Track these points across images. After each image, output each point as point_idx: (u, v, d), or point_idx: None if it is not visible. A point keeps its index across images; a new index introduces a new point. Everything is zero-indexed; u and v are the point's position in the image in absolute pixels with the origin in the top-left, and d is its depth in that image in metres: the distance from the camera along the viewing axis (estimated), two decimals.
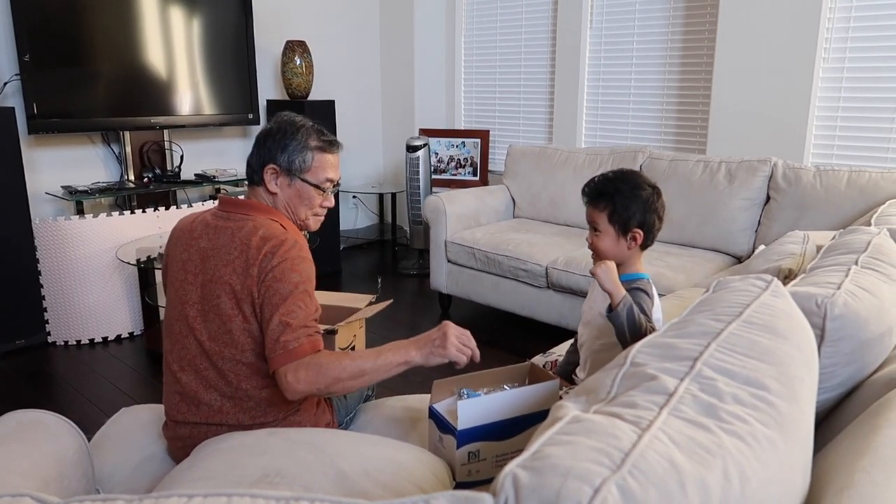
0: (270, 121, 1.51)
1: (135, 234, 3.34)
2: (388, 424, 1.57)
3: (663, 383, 0.83)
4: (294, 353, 1.29)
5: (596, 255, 1.54)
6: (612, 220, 1.50)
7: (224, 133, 4.33)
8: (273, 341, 1.30)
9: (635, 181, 1.51)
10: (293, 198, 1.49)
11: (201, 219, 1.47)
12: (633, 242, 1.49)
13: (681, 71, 3.70)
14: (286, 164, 1.46)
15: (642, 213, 1.48)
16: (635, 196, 1.48)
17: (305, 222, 1.52)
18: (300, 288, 1.34)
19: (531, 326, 3.46)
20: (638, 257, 1.54)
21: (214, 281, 1.38)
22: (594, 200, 1.52)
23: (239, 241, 1.38)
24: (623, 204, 1.48)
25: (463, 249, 3.44)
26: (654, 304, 1.48)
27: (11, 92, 3.39)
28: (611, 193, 1.50)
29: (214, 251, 1.40)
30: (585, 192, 1.55)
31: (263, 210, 1.44)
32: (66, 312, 3.25)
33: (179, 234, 1.48)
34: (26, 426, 1.18)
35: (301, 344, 1.30)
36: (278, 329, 1.30)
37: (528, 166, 3.80)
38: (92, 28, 3.46)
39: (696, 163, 3.18)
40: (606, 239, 1.51)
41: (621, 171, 1.55)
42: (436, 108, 4.98)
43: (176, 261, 1.46)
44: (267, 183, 1.46)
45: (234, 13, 3.99)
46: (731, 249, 3.02)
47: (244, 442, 1.18)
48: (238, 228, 1.40)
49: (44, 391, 2.81)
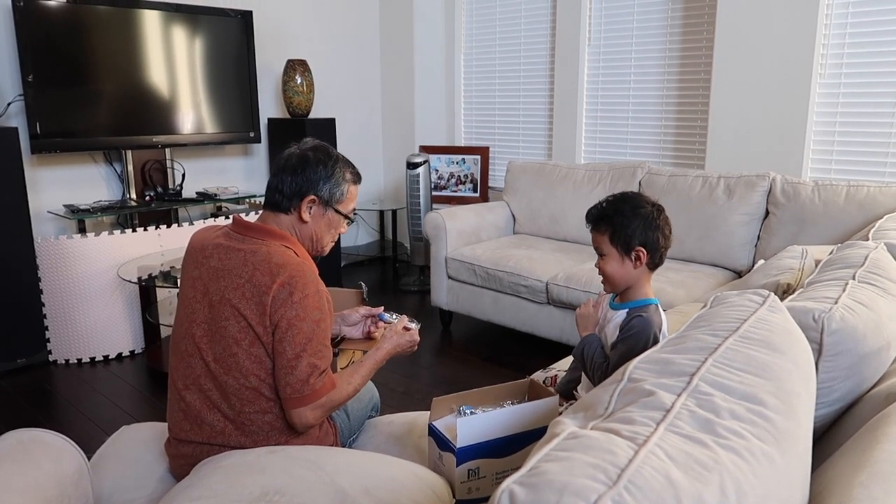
0: (299, 148, 1.50)
1: (136, 252, 3.36)
2: (389, 442, 1.57)
3: (660, 399, 0.83)
4: (318, 393, 1.36)
5: (605, 281, 1.54)
6: (613, 242, 1.49)
7: (225, 151, 4.36)
8: (300, 381, 1.34)
9: (635, 201, 1.50)
10: (322, 226, 1.51)
11: (214, 238, 1.46)
12: (638, 262, 1.48)
13: (679, 87, 3.73)
14: (327, 196, 1.48)
15: (643, 231, 1.47)
16: (635, 215, 1.48)
17: (324, 249, 1.55)
18: (321, 326, 1.38)
19: (531, 342, 3.46)
20: (646, 279, 1.52)
21: (223, 302, 1.38)
22: (596, 224, 1.53)
23: (251, 266, 1.37)
24: (622, 223, 1.47)
25: (463, 266, 3.44)
26: (662, 328, 1.48)
27: (15, 112, 3.42)
28: (610, 215, 1.50)
29: (225, 272, 1.39)
30: (588, 219, 1.55)
31: (278, 236, 1.44)
32: (68, 331, 3.26)
33: (192, 250, 1.49)
34: (27, 445, 1.19)
35: (324, 384, 1.37)
36: (307, 370, 1.34)
37: (527, 182, 3.82)
38: (94, 48, 3.50)
39: (695, 178, 3.20)
40: (612, 262, 1.50)
41: (621, 193, 1.55)
42: (436, 124, 5.02)
43: (188, 277, 1.47)
44: (302, 212, 1.47)
45: (236, 33, 4.03)
46: (731, 264, 3.03)
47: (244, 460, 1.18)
48: (251, 252, 1.39)
49: (44, 410, 2.80)
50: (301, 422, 1.36)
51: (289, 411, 1.36)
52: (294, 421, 1.37)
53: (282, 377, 1.35)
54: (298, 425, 1.37)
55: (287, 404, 1.36)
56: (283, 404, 1.37)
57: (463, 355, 3.36)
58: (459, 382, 3.04)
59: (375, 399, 1.75)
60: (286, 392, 1.35)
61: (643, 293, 1.52)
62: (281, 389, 1.36)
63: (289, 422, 1.38)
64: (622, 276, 1.50)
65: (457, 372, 3.16)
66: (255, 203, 4.21)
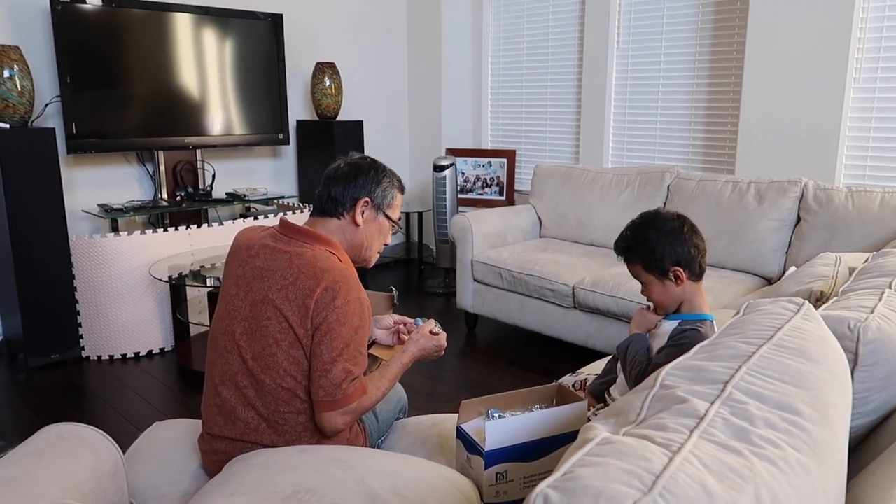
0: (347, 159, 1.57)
1: (167, 251, 3.42)
2: (416, 444, 1.58)
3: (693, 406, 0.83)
4: (350, 398, 1.38)
5: (657, 307, 1.53)
6: (648, 269, 1.48)
7: (255, 153, 4.41)
8: (334, 385, 1.37)
9: (656, 222, 1.48)
10: (374, 231, 1.56)
11: (260, 238, 1.49)
12: (679, 280, 1.46)
13: (708, 90, 3.70)
14: (379, 200, 1.54)
15: (671, 249, 1.45)
16: (659, 236, 1.46)
17: (371, 258, 1.59)
18: (359, 333, 1.40)
19: (557, 346, 3.44)
20: (696, 293, 1.50)
21: (265, 302, 1.40)
22: (626, 257, 1.52)
23: (296, 269, 1.39)
24: (649, 249, 1.46)
25: (489, 269, 3.45)
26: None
27: (52, 113, 3.51)
28: (635, 245, 1.49)
29: (270, 272, 1.41)
30: (617, 252, 1.55)
31: (324, 241, 1.46)
32: (100, 328, 3.32)
33: (237, 248, 1.51)
34: (66, 439, 1.22)
35: (356, 389, 1.40)
36: (341, 375, 1.37)
37: (554, 186, 3.81)
38: (128, 51, 3.57)
39: (725, 183, 3.16)
40: (654, 288, 1.49)
41: (641, 217, 1.53)
42: (462, 127, 5.03)
43: (230, 275, 1.49)
44: (357, 215, 1.51)
45: (266, 35, 4.08)
46: (761, 271, 2.99)
47: (276, 458, 1.19)
48: (297, 255, 1.42)
49: (77, 405, 2.87)
50: (330, 425, 1.38)
51: (319, 414, 1.38)
52: (323, 424, 1.39)
53: (316, 379, 1.37)
54: (327, 429, 1.39)
55: (318, 407, 1.38)
56: (314, 406, 1.39)
57: (488, 358, 3.36)
58: (484, 385, 3.05)
59: (403, 401, 1.76)
60: (318, 395, 1.37)
61: (698, 307, 1.50)
62: (314, 392, 1.38)
63: (317, 424, 1.40)
64: (670, 298, 1.49)
65: (482, 375, 3.17)
66: (284, 204, 4.25)
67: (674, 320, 1.51)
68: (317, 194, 1.55)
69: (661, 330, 1.51)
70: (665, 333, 1.49)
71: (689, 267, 1.46)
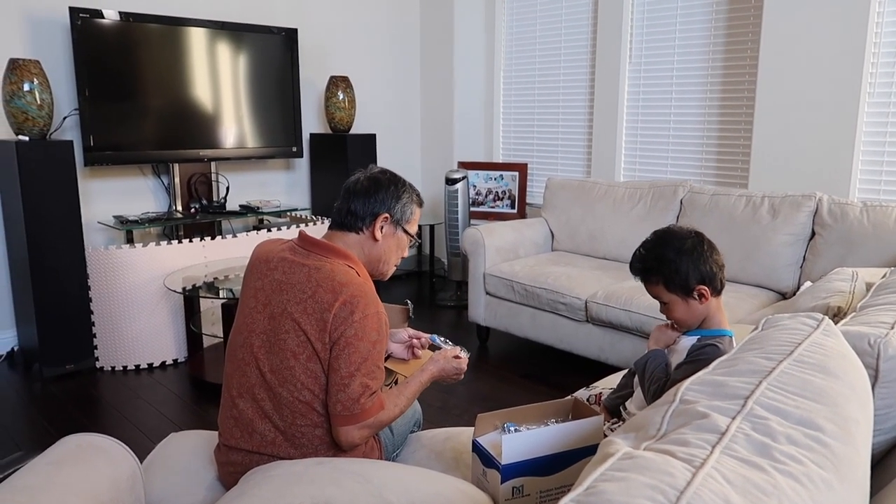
0: (367, 173, 1.57)
1: (181, 263, 3.44)
2: (431, 457, 1.58)
3: (715, 421, 0.83)
4: (367, 413, 1.39)
5: (678, 326, 1.52)
6: (670, 289, 1.46)
7: (268, 165, 4.45)
8: (352, 400, 1.37)
9: (672, 241, 1.46)
10: (392, 246, 1.57)
11: (279, 251, 1.50)
12: (703, 298, 1.44)
13: (721, 104, 3.70)
14: (398, 215, 1.55)
15: (695, 267, 1.43)
16: (681, 255, 1.43)
17: (387, 272, 1.60)
18: (377, 347, 1.41)
19: (569, 360, 3.43)
20: (717, 308, 1.48)
21: (284, 315, 1.40)
22: (645, 277, 1.50)
23: (315, 282, 1.40)
24: (672, 269, 1.44)
25: (501, 282, 3.45)
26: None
27: (70, 126, 3.56)
28: (655, 265, 1.46)
29: (289, 286, 1.42)
30: (634, 272, 1.53)
31: (342, 255, 1.47)
32: (114, 338, 3.35)
33: (256, 261, 1.52)
34: (85, 449, 1.23)
35: (374, 404, 1.40)
36: (359, 389, 1.37)
37: (566, 199, 3.82)
38: (145, 65, 3.62)
39: (739, 197, 3.16)
40: (677, 308, 1.47)
41: (655, 236, 1.51)
42: (474, 141, 5.05)
43: (249, 288, 1.50)
44: (376, 230, 1.52)
45: (281, 50, 4.13)
46: (776, 285, 2.97)
47: (293, 470, 1.20)
48: (315, 268, 1.42)
49: (91, 415, 2.88)
50: (347, 439, 1.39)
51: (336, 428, 1.39)
52: (340, 438, 1.39)
53: (333, 394, 1.38)
54: (344, 443, 1.39)
55: (335, 421, 1.39)
56: (332, 420, 1.39)
57: (500, 372, 3.36)
58: (496, 399, 3.04)
59: (418, 414, 1.77)
60: (336, 409, 1.38)
61: (717, 322, 1.49)
62: (331, 406, 1.39)
63: (335, 439, 1.41)
64: (693, 316, 1.48)
65: (493, 388, 3.16)
66: (297, 216, 4.28)
67: (693, 336, 1.50)
68: (336, 208, 1.56)
69: (679, 346, 1.50)
70: (684, 349, 1.49)
71: (712, 284, 1.45)
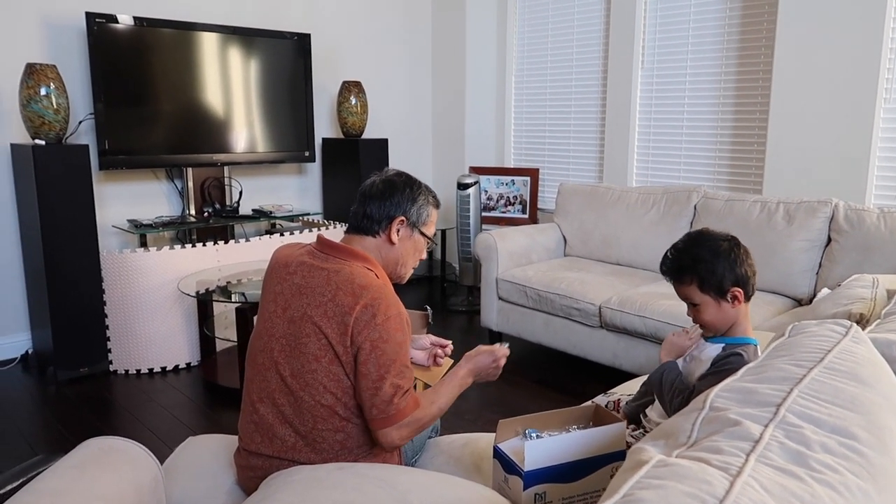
0: (382, 175, 1.56)
1: (194, 267, 3.45)
2: (450, 463, 1.57)
3: (747, 429, 0.82)
4: (403, 413, 1.39)
5: (706, 330, 1.49)
6: (704, 290, 1.43)
7: (280, 170, 4.46)
8: (385, 402, 1.37)
9: (709, 242, 1.44)
10: (409, 249, 1.56)
11: (298, 255, 1.50)
12: (736, 301, 1.42)
13: (734, 110, 3.69)
14: (414, 218, 1.54)
15: (731, 270, 1.41)
16: (717, 256, 1.41)
17: (405, 275, 1.60)
18: (403, 348, 1.41)
19: (583, 366, 3.42)
20: (745, 315, 1.46)
21: (304, 319, 1.40)
22: (678, 277, 1.47)
23: (335, 285, 1.40)
24: (708, 269, 1.41)
25: (514, 287, 3.44)
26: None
27: (85, 130, 3.58)
28: (690, 264, 1.44)
29: (308, 290, 1.42)
30: (664, 272, 1.50)
31: (361, 258, 1.47)
32: (128, 342, 3.36)
33: (275, 266, 1.52)
34: (107, 452, 1.23)
35: (408, 404, 1.40)
36: (391, 391, 1.37)
37: (579, 204, 3.81)
38: (159, 70, 3.64)
39: (753, 203, 3.14)
40: (708, 310, 1.44)
41: (689, 236, 1.49)
42: (486, 146, 5.05)
43: (269, 292, 1.50)
44: (392, 233, 1.51)
45: (293, 55, 4.15)
46: (791, 292, 2.96)
47: (315, 475, 1.20)
48: (335, 272, 1.42)
49: (105, 418, 2.89)
50: (387, 441, 1.40)
51: (375, 432, 1.40)
52: (381, 441, 1.40)
53: (367, 398, 1.38)
54: (385, 444, 1.40)
55: (373, 425, 1.39)
56: (370, 425, 1.40)
57: (513, 377, 3.35)
58: (509, 404, 3.03)
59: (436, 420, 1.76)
60: (372, 413, 1.38)
61: (742, 330, 1.46)
62: (367, 411, 1.39)
63: (377, 442, 1.42)
64: (723, 320, 1.45)
65: (506, 394, 3.15)
66: (309, 221, 4.29)
67: (717, 344, 1.48)
68: (352, 211, 1.56)
69: (704, 355, 1.48)
70: (708, 359, 1.46)
71: (746, 288, 1.44)
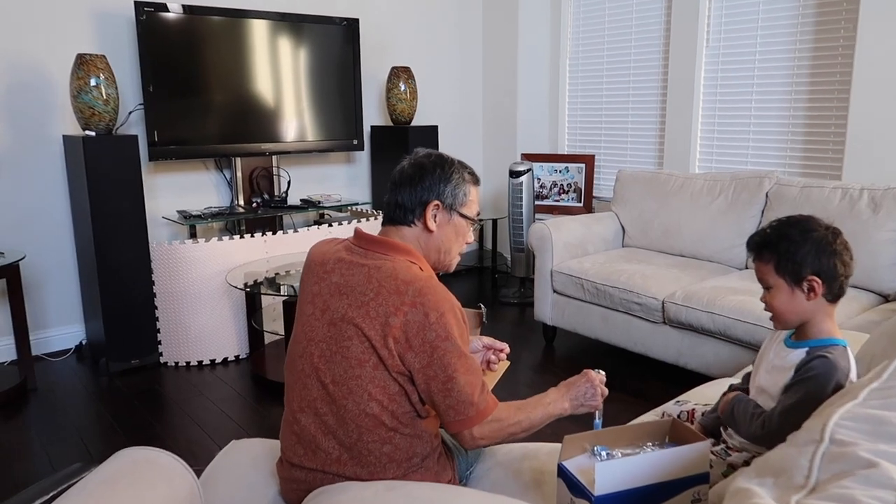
0: (411, 159, 1.44)
1: (243, 258, 3.40)
2: (508, 477, 1.44)
3: (887, 473, 0.67)
4: (485, 412, 1.30)
5: (774, 318, 1.35)
6: (779, 271, 1.30)
7: (329, 159, 4.39)
8: (464, 403, 1.28)
9: (804, 224, 1.30)
10: (450, 234, 1.42)
11: (335, 252, 1.39)
12: (812, 293, 1.28)
13: (810, 89, 3.42)
14: (450, 200, 1.40)
15: (815, 256, 1.26)
16: (805, 239, 1.27)
17: (451, 263, 1.46)
18: (463, 338, 1.30)
19: (644, 364, 3.24)
20: (826, 314, 1.31)
21: (345, 321, 1.29)
22: (759, 253, 1.34)
23: (376, 283, 1.28)
24: (790, 250, 1.28)
25: (570, 279, 3.28)
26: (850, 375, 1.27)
27: (135, 121, 3.56)
28: (775, 241, 1.31)
29: (348, 289, 1.31)
30: (750, 247, 1.37)
31: (402, 251, 1.35)
32: (178, 334, 3.34)
33: (312, 264, 1.42)
34: (141, 465, 1.14)
35: (488, 403, 1.31)
36: (468, 389, 1.28)
37: (638, 192, 3.61)
38: (207, 59, 3.59)
39: (833, 190, 2.90)
40: (780, 294, 1.31)
41: (788, 217, 1.35)
42: (538, 132, 4.87)
43: (306, 293, 1.39)
44: (428, 220, 1.39)
45: (342, 41, 4.05)
46: (877, 287, 2.71)
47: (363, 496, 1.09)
48: (376, 268, 1.31)
49: (155, 412, 2.87)
50: (469, 442, 1.31)
51: (457, 436, 1.32)
52: (466, 443, 1.32)
53: (440, 402, 1.28)
54: (466, 445, 1.33)
55: (451, 428, 1.30)
56: (448, 429, 1.31)
57: (567, 374, 3.15)
58: None
59: None
60: (449, 416, 1.29)
61: (826, 331, 1.31)
62: (443, 416, 1.29)
63: (460, 445, 1.35)
64: (793, 311, 1.30)
65: None
66: (357, 210, 4.21)
67: (800, 348, 1.31)
68: (385, 201, 1.43)
69: (786, 362, 1.32)
70: (791, 366, 1.30)
71: (829, 283, 1.27)
